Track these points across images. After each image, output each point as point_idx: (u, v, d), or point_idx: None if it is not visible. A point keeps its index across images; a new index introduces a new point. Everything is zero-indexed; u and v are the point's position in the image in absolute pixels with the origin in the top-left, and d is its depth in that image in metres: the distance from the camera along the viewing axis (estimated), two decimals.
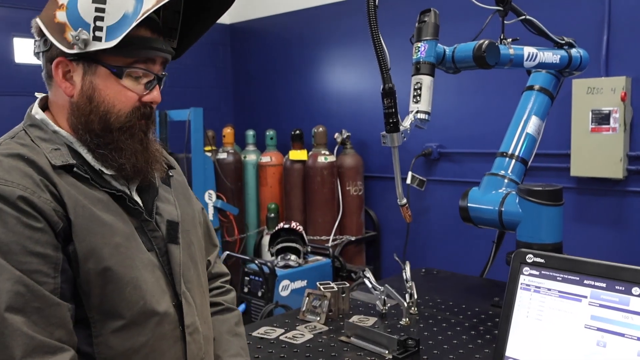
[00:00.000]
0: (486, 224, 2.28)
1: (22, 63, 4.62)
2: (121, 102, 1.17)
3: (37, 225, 1.06)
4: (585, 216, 3.57)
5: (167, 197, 1.31)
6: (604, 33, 3.39)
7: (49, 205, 1.07)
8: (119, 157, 1.18)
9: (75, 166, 1.14)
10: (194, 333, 1.25)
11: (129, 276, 1.14)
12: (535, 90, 2.42)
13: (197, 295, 1.30)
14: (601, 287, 1.17)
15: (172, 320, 1.21)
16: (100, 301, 1.12)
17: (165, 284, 1.21)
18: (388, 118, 1.84)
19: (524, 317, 1.25)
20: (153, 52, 1.17)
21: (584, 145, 3.40)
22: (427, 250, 4.39)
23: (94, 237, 1.11)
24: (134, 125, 1.19)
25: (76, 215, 1.10)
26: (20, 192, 1.05)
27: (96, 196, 1.15)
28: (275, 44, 5.44)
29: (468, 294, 2.39)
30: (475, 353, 1.79)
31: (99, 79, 1.15)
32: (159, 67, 1.21)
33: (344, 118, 4.85)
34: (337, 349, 1.84)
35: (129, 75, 1.16)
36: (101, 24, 1.11)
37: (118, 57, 1.14)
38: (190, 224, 1.34)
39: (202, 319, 1.30)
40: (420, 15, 2.00)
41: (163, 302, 1.19)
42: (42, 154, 1.13)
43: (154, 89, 1.20)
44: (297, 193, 4.68)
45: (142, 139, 1.21)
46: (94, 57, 1.14)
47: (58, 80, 1.18)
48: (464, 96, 4.09)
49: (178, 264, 1.24)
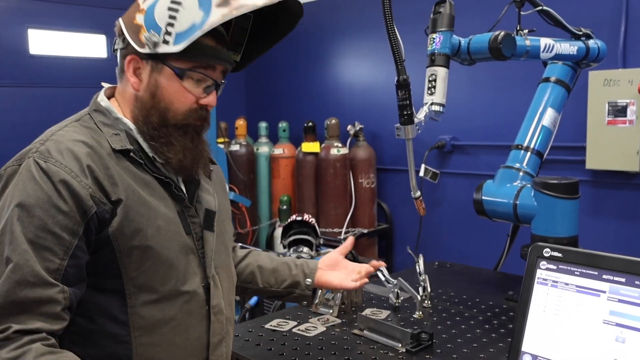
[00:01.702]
0: (501, 217, 2.26)
1: (36, 54, 4.64)
2: (179, 101, 1.29)
3: (63, 208, 1.15)
4: (600, 209, 3.53)
5: (208, 188, 1.43)
6: (621, 24, 3.33)
7: (87, 190, 1.18)
8: (168, 150, 1.30)
9: (132, 151, 1.27)
10: (218, 313, 1.37)
11: (166, 256, 1.26)
12: (552, 82, 2.39)
13: (225, 279, 1.43)
14: (620, 282, 1.15)
15: (199, 300, 1.33)
16: (137, 275, 1.24)
17: (197, 266, 1.34)
18: (402, 110, 1.82)
19: (540, 311, 1.24)
20: (214, 59, 1.30)
21: (600, 138, 3.35)
22: (440, 243, 4.37)
23: (141, 217, 1.23)
24: (189, 124, 1.31)
25: (127, 197, 1.22)
26: (63, 175, 1.17)
27: (146, 180, 1.28)
28: (288, 36, 5.39)
29: (482, 287, 2.37)
30: (489, 347, 1.78)
31: (163, 78, 1.28)
32: (218, 74, 1.33)
33: (356, 110, 4.82)
34: (350, 342, 1.83)
35: (190, 77, 1.29)
36: (171, 29, 1.23)
37: (182, 60, 1.26)
38: (225, 214, 1.49)
39: (227, 302, 1.42)
40: (436, 7, 1.97)
41: (193, 282, 1.32)
42: (104, 137, 1.26)
43: (211, 94, 1.33)
44: (310, 185, 4.67)
45: (193, 137, 1.33)
46: (161, 58, 1.26)
47: (128, 74, 1.30)
48: (478, 88, 4.05)
49: (211, 249, 1.36)
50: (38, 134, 1.29)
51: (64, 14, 4.75)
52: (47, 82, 4.69)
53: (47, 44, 4.71)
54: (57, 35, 4.77)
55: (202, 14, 1.23)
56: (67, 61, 4.80)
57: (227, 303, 1.42)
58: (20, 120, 4.43)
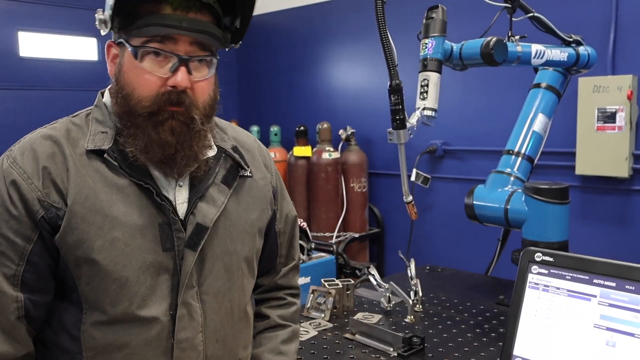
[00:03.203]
0: (492, 221, 2.27)
1: (26, 57, 4.62)
2: (140, 85, 1.10)
3: (13, 212, 1.08)
4: (590, 215, 3.55)
5: (216, 198, 1.21)
6: (610, 31, 3.37)
7: (35, 194, 1.08)
8: (131, 144, 1.11)
9: (107, 152, 1.12)
10: (187, 350, 1.16)
11: (118, 274, 1.10)
12: (542, 88, 2.41)
13: (218, 310, 1.21)
14: (611, 287, 1.16)
15: (161, 329, 1.13)
16: (88, 289, 1.11)
17: (170, 290, 1.14)
18: (395, 115, 1.83)
19: (532, 316, 1.24)
20: (165, 29, 1.07)
21: (590, 143, 3.38)
22: (432, 248, 4.38)
23: (89, 226, 1.08)
24: (161, 112, 1.11)
25: (74, 202, 1.09)
26: (14, 176, 1.09)
27: (119, 185, 1.12)
28: (280, 40, 5.43)
29: (473, 291, 2.38)
30: (480, 351, 1.79)
31: (125, 59, 1.13)
32: (183, 47, 1.10)
33: (348, 114, 4.84)
34: (342, 346, 1.83)
35: (147, 55, 1.10)
36: (110, 2, 1.10)
37: (136, 37, 1.10)
38: (243, 231, 1.25)
39: (215, 338, 1.20)
40: (428, 12, 1.99)
41: (156, 308, 1.12)
42: (87, 135, 1.14)
43: (178, 72, 1.09)
44: (301, 189, 4.67)
45: (173, 128, 1.11)
46: (125, 39, 1.11)
47: (107, 61, 1.18)
48: (470, 93, 4.07)
49: (186, 272, 1.14)
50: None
51: (55, 16, 4.74)
52: (38, 85, 4.66)
53: (37, 46, 4.69)
54: (47, 37, 4.75)
55: None
56: (58, 64, 4.78)
57: (216, 339, 1.20)
58: (11, 123, 4.41)
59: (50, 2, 4.69)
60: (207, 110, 1.18)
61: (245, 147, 1.34)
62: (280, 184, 1.42)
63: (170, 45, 1.10)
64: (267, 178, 1.36)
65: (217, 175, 1.23)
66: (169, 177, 1.17)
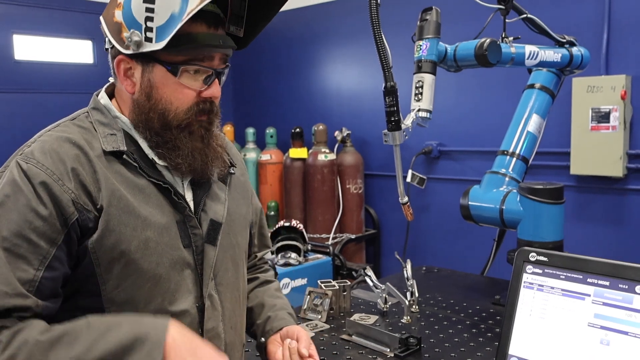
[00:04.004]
0: (487, 222, 2.28)
1: (21, 60, 4.62)
2: (178, 99, 1.16)
3: (42, 213, 1.06)
4: (585, 214, 3.57)
5: (219, 195, 1.30)
6: (604, 31, 3.39)
7: (69, 195, 1.08)
8: (176, 156, 1.18)
9: (125, 153, 1.15)
10: (214, 338, 1.23)
11: (152, 272, 1.14)
12: (536, 89, 2.42)
13: (230, 299, 1.29)
14: (604, 286, 1.17)
15: (191, 321, 1.20)
16: (117, 291, 1.12)
17: (193, 284, 1.21)
18: (390, 116, 1.84)
19: (527, 315, 1.25)
20: (208, 49, 1.15)
21: (584, 143, 3.40)
22: (428, 249, 4.40)
23: (125, 228, 1.12)
24: (193, 123, 1.19)
25: (110, 204, 1.11)
26: (44, 177, 1.07)
27: (140, 185, 1.16)
28: (276, 42, 5.44)
29: (469, 292, 2.39)
30: (477, 351, 1.79)
31: (157, 76, 1.16)
32: (217, 61, 1.19)
33: (344, 116, 4.85)
34: (339, 347, 1.84)
35: (186, 72, 1.16)
36: (151, 24, 1.11)
37: (173, 54, 1.14)
38: (240, 225, 1.35)
39: (230, 325, 1.28)
40: (422, 14, 2.00)
41: (184, 301, 1.19)
42: (97, 137, 1.16)
43: (213, 84, 1.19)
44: (297, 191, 4.68)
45: (202, 135, 1.20)
46: (151, 55, 1.14)
47: (120, 77, 1.19)
48: (465, 94, 4.09)
49: (210, 265, 1.23)
50: (24, 139, 1.21)
51: (50, 19, 4.73)
52: (33, 88, 4.66)
53: (32, 49, 4.68)
54: (42, 40, 4.75)
55: (180, 0, 1.09)
56: (53, 67, 4.77)
57: (230, 326, 1.28)
58: (6, 126, 4.40)
59: (45, 5, 4.69)
60: (220, 112, 1.27)
61: (225, 146, 1.41)
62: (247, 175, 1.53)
63: (208, 61, 1.17)
64: (246, 175, 1.47)
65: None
66: (175, 177, 1.23)
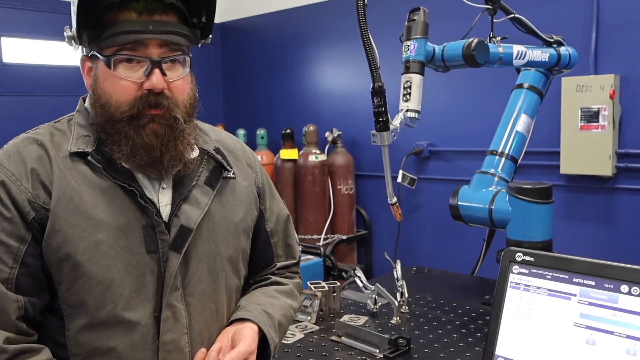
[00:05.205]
0: (477, 222, 2.28)
1: (9, 63, 4.58)
2: (117, 92, 1.13)
3: (5, 214, 1.08)
4: (575, 213, 3.58)
5: (199, 200, 1.22)
6: (592, 31, 3.40)
7: (25, 195, 1.09)
8: (118, 150, 1.14)
9: (90, 154, 1.15)
10: (173, 351, 1.17)
11: (102, 276, 1.11)
12: (525, 89, 2.43)
13: (202, 311, 1.22)
14: (590, 285, 1.17)
15: (147, 332, 1.15)
16: (69, 294, 1.12)
17: (155, 292, 1.16)
18: (378, 117, 1.84)
19: (513, 315, 1.25)
20: (134, 35, 1.10)
21: (574, 142, 3.41)
22: (418, 249, 4.40)
23: (72, 229, 1.10)
24: (140, 116, 1.13)
25: (57, 204, 1.10)
26: (2, 178, 1.10)
27: (103, 187, 1.14)
28: (266, 43, 5.43)
29: (459, 292, 2.39)
30: (466, 351, 1.79)
31: (99, 71, 1.15)
32: (156, 50, 1.13)
33: (334, 117, 4.84)
34: (328, 348, 1.83)
35: (120, 62, 1.13)
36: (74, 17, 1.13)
37: (107, 47, 1.12)
38: (226, 232, 1.27)
39: (200, 339, 1.22)
40: (410, 14, 2.00)
41: (140, 310, 1.14)
42: (70, 139, 1.17)
43: (152, 75, 1.12)
44: (288, 192, 4.67)
45: (156, 131, 1.14)
46: (97, 51, 1.14)
47: (83, 75, 1.21)
48: (455, 95, 4.09)
49: (171, 274, 1.16)
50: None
51: (38, 21, 4.69)
52: (21, 91, 4.62)
53: (20, 52, 4.65)
54: (31, 43, 4.71)
55: None
56: (42, 69, 4.74)
57: (201, 341, 1.21)
58: None
59: (33, 8, 4.66)
60: (187, 108, 1.19)
61: (228, 149, 1.37)
62: (267, 183, 1.45)
63: (141, 50, 1.12)
64: (252, 179, 1.38)
65: (200, 177, 1.25)
66: (152, 180, 1.19)
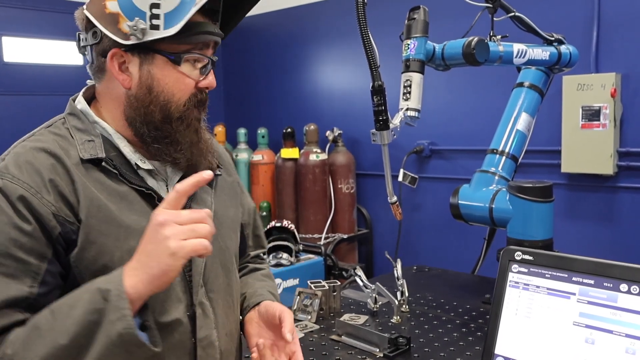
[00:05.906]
0: (477, 221, 2.28)
1: (10, 62, 4.59)
2: (180, 89, 1.14)
3: (26, 229, 1.02)
4: (575, 212, 3.58)
5: (204, 199, 1.25)
6: (593, 29, 3.39)
7: (49, 208, 1.03)
8: (175, 150, 1.15)
9: (104, 160, 1.11)
10: (208, 347, 1.19)
11: None
12: (525, 87, 2.42)
13: (223, 306, 1.25)
14: (589, 284, 1.17)
15: (183, 331, 1.16)
16: None
17: (183, 292, 1.16)
18: (378, 116, 1.83)
19: (512, 314, 1.25)
20: (209, 36, 1.14)
21: (575, 141, 3.41)
22: (419, 248, 4.39)
23: (106, 238, 1.07)
24: (190, 114, 1.16)
25: (89, 215, 1.06)
26: (21, 192, 1.03)
27: (121, 193, 1.11)
28: (267, 42, 5.43)
29: (459, 291, 2.39)
30: (466, 350, 1.79)
31: (157, 67, 1.12)
32: (211, 50, 1.18)
33: (335, 116, 4.84)
34: (328, 347, 1.83)
35: (187, 61, 1.14)
36: (158, 11, 1.08)
37: (175, 44, 1.11)
38: (228, 228, 1.31)
39: (224, 332, 1.24)
40: (410, 13, 1.99)
41: (174, 311, 1.14)
42: (74, 145, 1.11)
43: (209, 74, 1.17)
44: (289, 191, 4.67)
45: (197, 128, 1.18)
46: (150, 45, 1.11)
47: (114, 72, 1.13)
48: (455, 93, 4.09)
49: (199, 272, 1.18)
50: (13, 142, 1.17)
51: (39, 21, 4.70)
52: (22, 90, 4.63)
53: (21, 51, 4.66)
54: (31, 42, 4.72)
55: None
56: (43, 69, 4.75)
57: (225, 333, 1.24)
58: None
59: (34, 7, 4.66)
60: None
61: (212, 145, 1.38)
62: (239, 179, 1.48)
63: (205, 50, 1.16)
64: (233, 175, 1.43)
65: None
66: (159, 182, 1.19)
